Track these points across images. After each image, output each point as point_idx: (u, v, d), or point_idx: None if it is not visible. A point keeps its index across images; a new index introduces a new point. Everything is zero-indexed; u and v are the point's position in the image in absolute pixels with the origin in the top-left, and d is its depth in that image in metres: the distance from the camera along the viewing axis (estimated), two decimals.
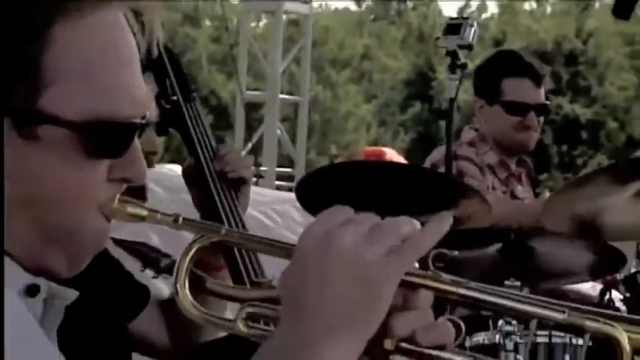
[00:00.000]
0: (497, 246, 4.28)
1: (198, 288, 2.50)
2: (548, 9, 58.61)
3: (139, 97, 1.57)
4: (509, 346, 4.17)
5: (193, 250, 1.92)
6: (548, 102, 5.35)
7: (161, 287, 2.85)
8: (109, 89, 1.51)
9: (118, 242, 2.39)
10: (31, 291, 1.59)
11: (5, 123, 1.45)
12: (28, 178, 1.49)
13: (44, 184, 1.50)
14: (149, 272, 2.41)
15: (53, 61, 1.46)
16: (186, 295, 1.91)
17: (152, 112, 2.73)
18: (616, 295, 4.63)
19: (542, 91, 5.24)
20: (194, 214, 3.16)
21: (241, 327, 1.90)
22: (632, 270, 4.51)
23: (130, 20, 1.57)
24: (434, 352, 1.83)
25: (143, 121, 1.59)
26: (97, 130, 1.50)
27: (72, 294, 1.72)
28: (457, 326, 4.39)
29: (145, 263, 2.38)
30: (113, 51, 1.53)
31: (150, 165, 2.59)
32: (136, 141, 1.60)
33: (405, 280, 1.77)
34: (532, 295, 2.41)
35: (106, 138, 1.51)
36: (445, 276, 2.04)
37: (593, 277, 4.59)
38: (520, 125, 5.20)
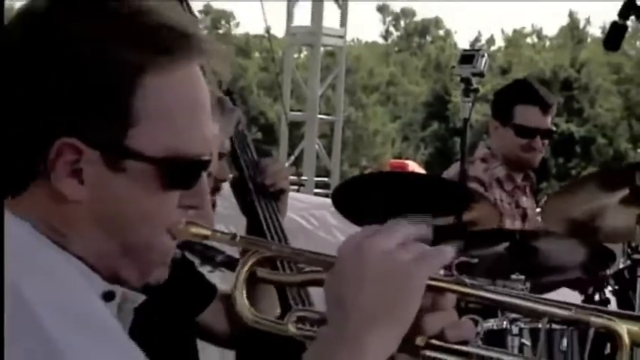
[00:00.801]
0: (505, 245, 4.26)
1: (252, 279, 2.51)
2: (547, 42, 58.68)
3: (209, 137, 1.57)
4: (515, 330, 4.16)
5: (249, 263, 1.92)
6: (553, 128, 5.34)
7: (216, 281, 2.87)
8: (186, 131, 1.52)
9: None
10: (108, 296, 1.57)
11: (93, 155, 1.45)
12: (112, 202, 1.49)
13: (125, 208, 1.50)
14: (206, 267, 2.40)
15: (141, 105, 1.46)
16: (243, 303, 1.89)
17: (225, 146, 2.72)
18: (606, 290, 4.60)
19: (549, 118, 5.23)
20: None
21: (291, 329, 1.88)
22: (621, 266, 4.48)
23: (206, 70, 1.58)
24: (460, 347, 1.83)
25: (210, 158, 1.58)
26: (174, 165, 1.50)
27: (140, 297, 1.71)
28: (476, 323, 4.38)
29: (202, 260, 2.37)
30: (192, 98, 1.53)
31: (218, 191, 2.60)
32: (203, 176, 1.60)
33: (433, 285, 1.78)
34: (541, 296, 2.42)
35: (180, 172, 1.52)
36: (467, 281, 2.03)
37: (587, 273, 4.55)
38: (527, 146, 5.18)
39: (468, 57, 4.54)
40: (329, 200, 4.60)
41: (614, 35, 4.13)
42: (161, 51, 1.48)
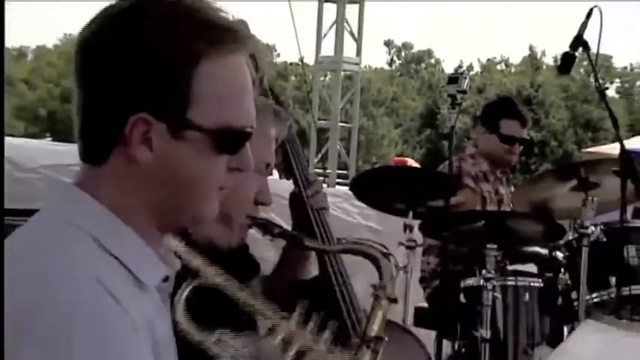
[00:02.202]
0: (482, 222, 4.23)
1: (299, 246, 2.48)
2: (513, 69, 58.56)
3: (251, 113, 1.55)
4: (489, 287, 4.13)
5: (187, 290, 1.86)
6: (528, 137, 5.32)
7: (271, 254, 2.79)
8: (232, 108, 1.50)
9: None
10: (165, 279, 1.54)
11: (160, 127, 1.44)
12: (175, 164, 1.46)
13: (186, 169, 1.48)
14: (267, 236, 2.37)
15: (198, 87, 1.45)
16: (185, 323, 1.82)
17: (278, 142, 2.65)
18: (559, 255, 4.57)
19: (525, 130, 5.21)
20: None
21: (214, 348, 1.82)
22: (570, 238, 4.44)
23: (248, 61, 1.55)
24: None
25: (251, 130, 1.55)
26: (223, 135, 1.48)
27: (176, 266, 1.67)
28: (459, 281, 4.27)
29: (264, 231, 2.34)
30: (238, 82, 1.51)
31: (271, 174, 2.54)
32: (247, 144, 1.57)
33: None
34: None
35: (228, 141, 1.50)
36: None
37: (545, 243, 4.52)
38: (508, 151, 5.15)
39: (454, 79, 4.53)
40: (347, 189, 4.58)
41: (566, 62, 4.09)
42: (213, 43, 1.47)
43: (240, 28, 1.52)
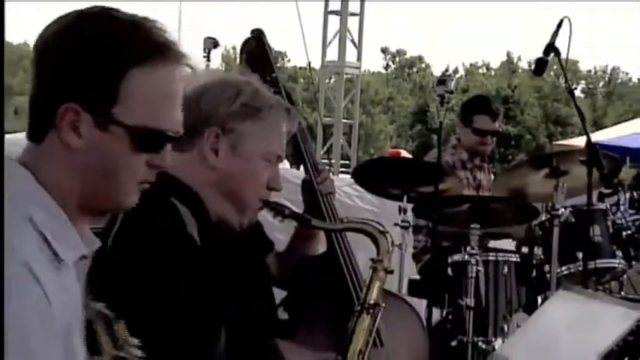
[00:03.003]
0: (467, 205, 4.22)
1: (307, 225, 2.48)
2: (493, 72, 58.28)
3: (176, 120, 1.51)
4: (473, 262, 4.13)
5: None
6: (500, 129, 5.28)
7: (281, 235, 2.77)
8: (156, 112, 1.48)
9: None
10: (83, 258, 1.49)
11: (88, 118, 1.42)
12: (97, 153, 1.45)
13: (107, 160, 1.46)
14: (278, 218, 2.35)
15: (127, 88, 1.44)
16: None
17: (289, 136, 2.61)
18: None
19: (497, 123, 5.14)
20: None
21: None
22: (543, 218, 4.44)
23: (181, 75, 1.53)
24: None
25: (173, 135, 1.51)
26: (145, 135, 1.47)
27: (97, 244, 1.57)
28: (447, 256, 4.17)
29: (275, 212, 2.33)
30: (166, 91, 1.49)
31: (282, 161, 2.49)
32: (168, 146, 1.53)
33: None
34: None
35: (148, 140, 1.48)
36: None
37: (522, 223, 4.51)
38: (481, 142, 5.11)
39: (442, 81, 4.50)
40: (349, 177, 4.57)
41: (540, 66, 4.07)
42: (148, 54, 1.46)
43: (174, 46, 1.50)
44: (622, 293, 4.57)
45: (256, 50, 2.65)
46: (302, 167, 2.81)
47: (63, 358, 1.37)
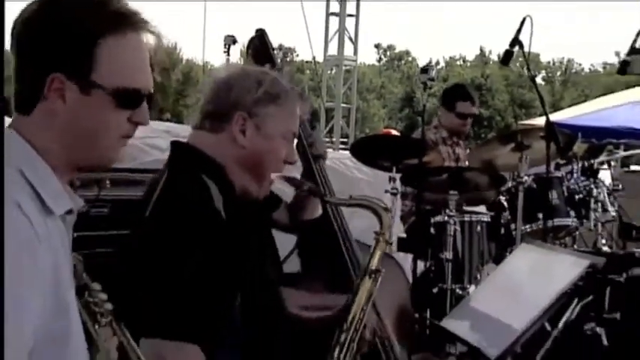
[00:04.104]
0: (446, 175, 4.22)
1: (322, 200, 2.46)
2: (468, 64, 57.84)
3: (148, 81, 1.47)
4: (452, 222, 4.14)
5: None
6: (477, 113, 5.25)
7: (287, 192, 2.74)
8: (130, 74, 1.44)
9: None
10: (69, 212, 1.43)
11: (71, 85, 1.38)
12: (82, 115, 1.40)
13: (91, 120, 1.41)
14: (298, 191, 2.35)
15: (102, 54, 1.39)
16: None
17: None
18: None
19: (474, 108, 5.12)
20: None
21: None
22: (509, 185, 4.44)
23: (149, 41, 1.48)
24: None
25: (147, 93, 1.46)
26: (123, 94, 1.42)
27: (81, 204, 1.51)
28: (430, 218, 4.09)
29: (296, 188, 2.32)
30: (137, 55, 1.45)
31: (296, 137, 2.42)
32: (144, 103, 1.48)
33: None
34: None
35: (127, 99, 1.43)
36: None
37: (492, 189, 4.50)
38: (462, 124, 5.09)
39: (425, 69, 4.45)
40: (348, 153, 4.55)
41: (506, 57, 4.05)
42: (116, 23, 1.42)
43: (139, 15, 1.46)
44: (575, 246, 4.58)
45: (260, 47, 2.63)
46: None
47: (52, 300, 1.31)
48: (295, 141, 2.64)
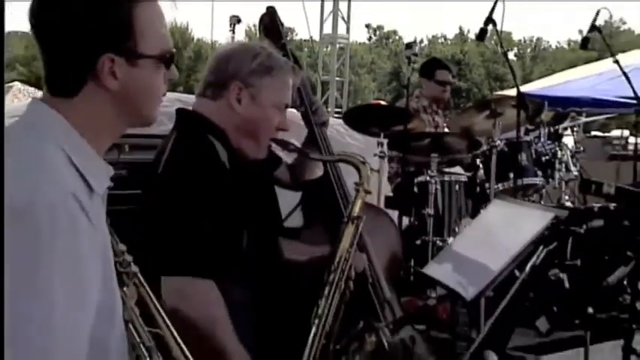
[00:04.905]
0: (428, 140, 4.21)
1: (307, 157, 2.42)
2: (449, 42, 57.39)
3: (170, 41, 1.42)
4: (433, 182, 4.15)
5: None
6: (455, 81, 5.22)
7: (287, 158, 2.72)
8: (163, 38, 1.40)
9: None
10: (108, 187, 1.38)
11: (121, 61, 1.33)
12: (133, 85, 1.35)
13: (142, 86, 1.37)
14: (285, 151, 2.33)
15: (139, 25, 1.34)
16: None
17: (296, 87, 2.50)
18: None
19: (451, 76, 5.11)
20: None
21: None
22: (484, 148, 4.43)
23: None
24: None
25: (173, 51, 1.42)
26: (163, 57, 1.38)
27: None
28: (414, 177, 4.08)
29: (282, 147, 2.31)
30: (161, 18, 1.41)
31: (288, 107, 2.40)
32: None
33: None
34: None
35: (165, 60, 1.39)
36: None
37: (469, 152, 4.49)
38: (442, 91, 5.07)
39: (409, 45, 4.45)
40: (341, 121, 4.53)
41: (481, 34, 4.01)
42: None
43: None
44: (541, 202, 4.59)
45: (270, 24, 2.61)
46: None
47: (102, 281, 1.26)
48: (302, 109, 2.64)
